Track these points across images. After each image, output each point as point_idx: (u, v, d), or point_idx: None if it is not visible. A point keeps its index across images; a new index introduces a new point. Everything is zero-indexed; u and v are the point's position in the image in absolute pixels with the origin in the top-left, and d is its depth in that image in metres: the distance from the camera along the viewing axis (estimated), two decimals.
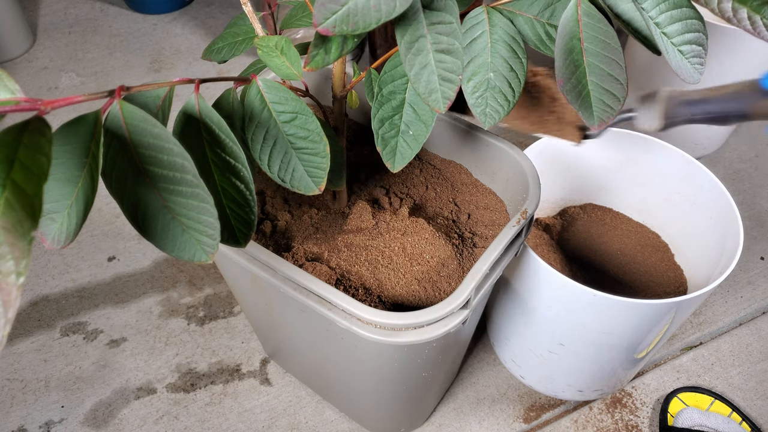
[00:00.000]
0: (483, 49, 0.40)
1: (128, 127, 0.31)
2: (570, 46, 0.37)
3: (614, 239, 0.84)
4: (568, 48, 0.37)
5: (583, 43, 0.37)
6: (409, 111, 0.42)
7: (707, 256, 0.74)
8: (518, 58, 0.41)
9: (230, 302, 0.91)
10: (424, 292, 0.52)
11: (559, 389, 0.79)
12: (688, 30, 0.36)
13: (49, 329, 0.87)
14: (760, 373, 0.85)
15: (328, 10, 0.30)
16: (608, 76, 0.37)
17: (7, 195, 0.22)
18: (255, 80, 0.40)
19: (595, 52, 0.37)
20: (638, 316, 0.61)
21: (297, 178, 0.42)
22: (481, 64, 0.40)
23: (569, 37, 0.37)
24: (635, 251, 0.83)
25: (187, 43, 1.35)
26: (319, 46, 0.37)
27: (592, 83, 0.38)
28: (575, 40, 0.37)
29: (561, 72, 0.37)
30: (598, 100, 0.38)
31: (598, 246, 0.84)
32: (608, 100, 0.38)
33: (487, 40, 0.40)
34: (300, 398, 0.81)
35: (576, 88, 0.38)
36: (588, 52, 0.37)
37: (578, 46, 0.37)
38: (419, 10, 0.34)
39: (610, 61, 0.37)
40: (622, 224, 0.86)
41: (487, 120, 0.41)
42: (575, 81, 0.37)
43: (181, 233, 0.33)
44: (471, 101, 0.41)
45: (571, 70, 0.37)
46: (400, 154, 0.43)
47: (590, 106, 0.38)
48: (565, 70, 0.37)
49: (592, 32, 0.37)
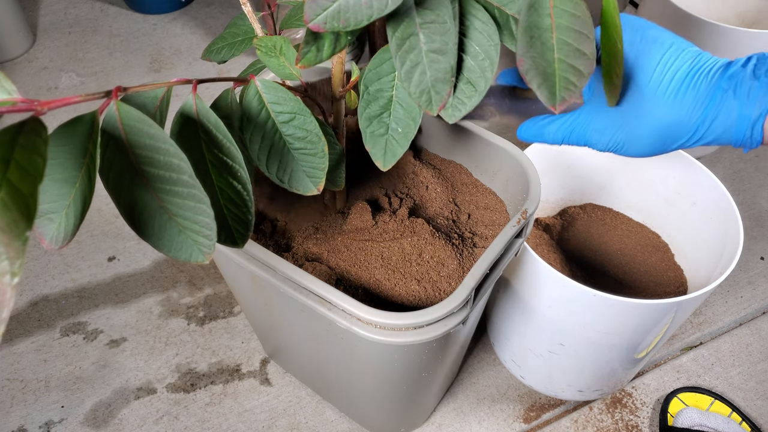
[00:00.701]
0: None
1: (125, 127, 0.31)
2: (538, 23, 0.34)
3: (614, 239, 0.84)
4: (535, 25, 0.34)
5: (554, 18, 0.34)
6: (398, 108, 0.42)
7: (707, 256, 0.74)
8: (492, 45, 0.38)
9: (230, 302, 0.91)
10: (424, 292, 0.52)
11: (559, 389, 0.79)
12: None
13: (49, 329, 0.87)
14: (760, 373, 0.84)
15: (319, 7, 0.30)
16: (576, 51, 0.35)
17: (3, 195, 0.22)
18: (253, 80, 0.40)
19: (565, 26, 0.34)
20: (638, 316, 0.61)
21: (295, 179, 0.42)
22: None
23: (538, 14, 0.34)
24: (635, 251, 0.83)
25: (187, 43, 1.35)
26: (311, 43, 0.37)
27: (559, 60, 0.35)
28: (545, 16, 0.34)
29: (524, 52, 0.35)
30: (562, 78, 0.36)
31: (598, 246, 0.84)
32: (573, 77, 0.36)
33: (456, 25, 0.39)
34: (300, 398, 0.81)
35: (539, 67, 0.35)
36: (558, 28, 0.34)
37: (547, 22, 0.34)
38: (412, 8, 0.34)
39: (578, 35, 0.35)
40: (623, 224, 0.85)
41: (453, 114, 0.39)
42: (540, 59, 0.35)
43: (177, 233, 0.33)
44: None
45: (537, 49, 0.35)
46: (390, 152, 0.43)
47: (553, 85, 0.36)
48: (529, 49, 0.35)
49: (562, 6, 0.34)
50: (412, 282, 0.52)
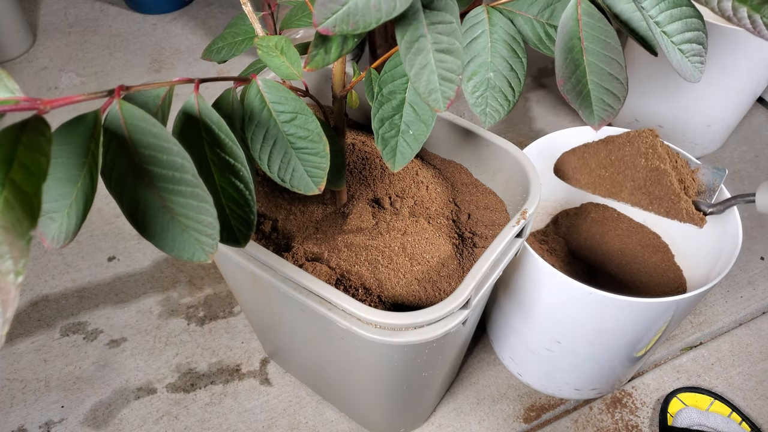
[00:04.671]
0: (483, 49, 0.41)
1: (127, 126, 0.31)
2: (570, 45, 0.37)
3: (615, 239, 0.84)
4: (568, 47, 0.37)
5: (583, 42, 0.37)
6: (409, 111, 0.42)
7: (707, 257, 0.74)
8: (518, 58, 0.41)
9: (230, 302, 0.91)
10: (424, 292, 0.52)
11: (557, 387, 0.79)
12: (688, 29, 0.37)
13: (49, 329, 0.87)
14: (760, 373, 0.85)
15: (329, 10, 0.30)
16: (608, 76, 0.38)
17: (6, 194, 0.22)
18: (255, 80, 0.40)
19: (595, 51, 0.37)
20: (636, 315, 0.61)
21: (297, 178, 0.42)
22: (481, 64, 0.41)
23: (569, 36, 0.37)
24: (636, 252, 0.83)
25: (187, 43, 1.35)
26: (319, 46, 0.37)
27: (592, 82, 0.38)
28: (575, 39, 0.37)
29: (561, 71, 0.37)
30: (598, 99, 0.38)
31: (598, 246, 0.84)
32: (608, 99, 0.38)
33: (487, 39, 0.41)
34: (300, 398, 0.81)
35: (576, 87, 0.38)
36: (588, 51, 0.37)
37: (578, 45, 0.37)
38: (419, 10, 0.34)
39: (610, 61, 0.37)
40: (623, 224, 0.85)
41: (487, 119, 0.42)
42: (575, 80, 0.38)
43: (180, 233, 0.33)
44: (471, 101, 0.41)
45: (571, 70, 0.37)
46: (401, 153, 0.43)
47: (590, 105, 0.38)
48: (565, 69, 0.37)
49: (592, 31, 0.37)
50: (412, 282, 0.52)
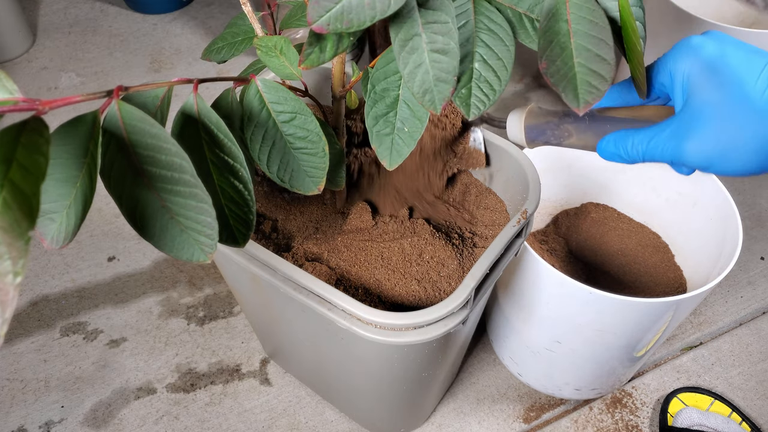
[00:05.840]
0: (467, 40, 0.40)
1: (126, 126, 0.31)
2: (556, 29, 0.36)
3: (615, 239, 0.84)
4: (554, 30, 0.36)
5: (571, 24, 0.36)
6: (404, 108, 0.42)
7: (707, 257, 0.74)
8: (506, 46, 0.40)
9: (230, 302, 0.91)
10: (424, 292, 0.52)
11: (557, 387, 0.79)
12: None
13: (49, 329, 0.87)
14: (760, 373, 0.85)
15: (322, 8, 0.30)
16: (596, 57, 0.36)
17: (5, 195, 0.22)
18: (254, 80, 0.40)
19: (583, 32, 0.36)
20: (635, 315, 0.61)
21: (296, 178, 0.42)
22: (465, 54, 0.40)
23: (555, 19, 0.36)
24: (636, 252, 0.83)
25: (187, 43, 1.35)
26: (314, 44, 0.37)
27: (579, 65, 0.36)
28: (562, 22, 0.36)
29: (545, 55, 0.36)
30: (584, 81, 0.37)
31: (598, 246, 0.84)
32: (595, 81, 0.37)
33: (472, 29, 0.40)
34: (300, 398, 0.81)
35: (561, 71, 0.36)
36: (576, 34, 0.36)
37: (565, 27, 0.36)
38: (414, 9, 0.34)
39: (598, 42, 0.36)
40: (623, 224, 0.85)
41: (471, 111, 0.40)
42: (561, 63, 0.36)
43: (179, 233, 0.33)
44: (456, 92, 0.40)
45: (557, 53, 0.36)
46: (396, 151, 0.43)
47: (576, 88, 0.37)
48: (550, 52, 0.36)
49: (580, 12, 0.36)
50: (412, 282, 0.52)
